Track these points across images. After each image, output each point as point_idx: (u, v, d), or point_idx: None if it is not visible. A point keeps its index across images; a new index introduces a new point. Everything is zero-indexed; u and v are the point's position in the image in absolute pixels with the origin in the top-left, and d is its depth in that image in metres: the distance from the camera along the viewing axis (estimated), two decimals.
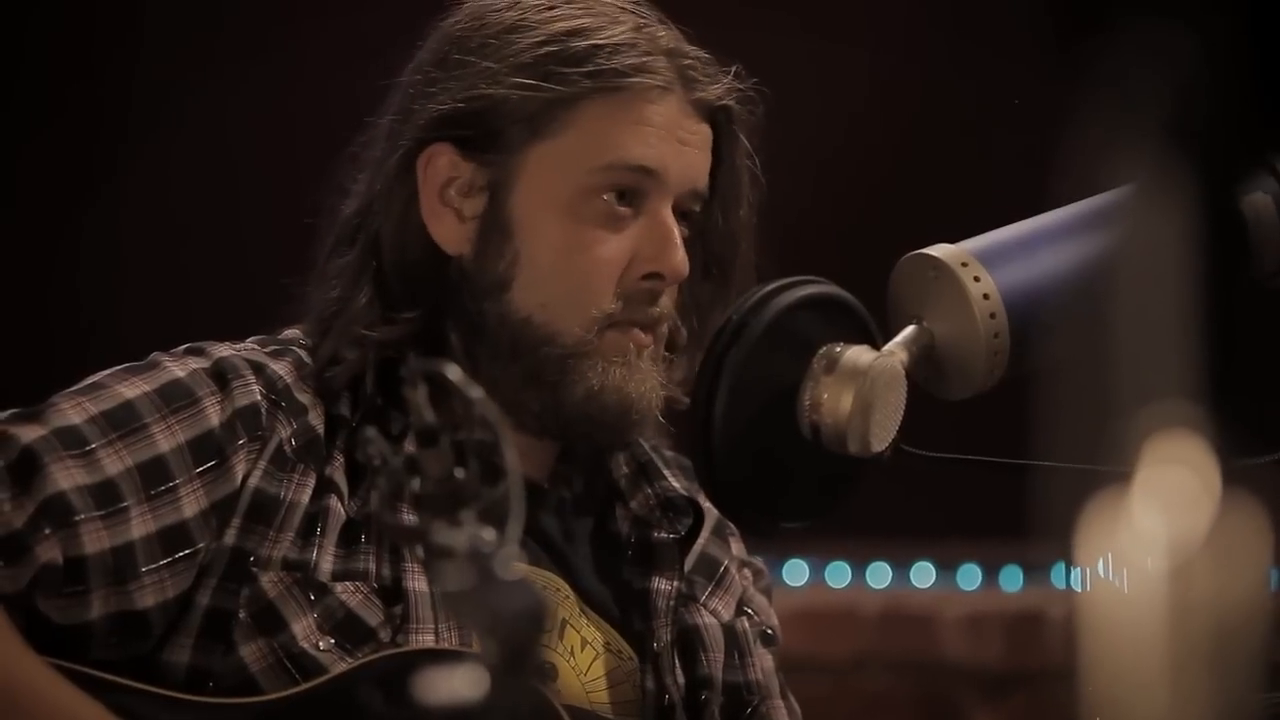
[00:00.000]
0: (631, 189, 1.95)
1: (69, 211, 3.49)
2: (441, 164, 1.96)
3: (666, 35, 1.97)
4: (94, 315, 3.44)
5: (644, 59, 1.94)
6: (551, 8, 1.97)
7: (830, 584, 3.78)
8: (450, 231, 1.96)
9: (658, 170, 1.95)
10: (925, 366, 1.80)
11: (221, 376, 1.89)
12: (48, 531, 1.79)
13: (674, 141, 1.95)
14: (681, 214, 1.98)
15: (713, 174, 2.00)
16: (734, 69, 2.00)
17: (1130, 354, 0.97)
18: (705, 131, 1.98)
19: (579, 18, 1.96)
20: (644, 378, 1.95)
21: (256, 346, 1.95)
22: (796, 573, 3.78)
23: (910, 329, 1.80)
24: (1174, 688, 0.94)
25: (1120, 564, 0.99)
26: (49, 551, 1.79)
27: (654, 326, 1.97)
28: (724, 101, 1.98)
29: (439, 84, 1.96)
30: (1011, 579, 3.74)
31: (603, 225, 1.94)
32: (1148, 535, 0.96)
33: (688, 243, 1.97)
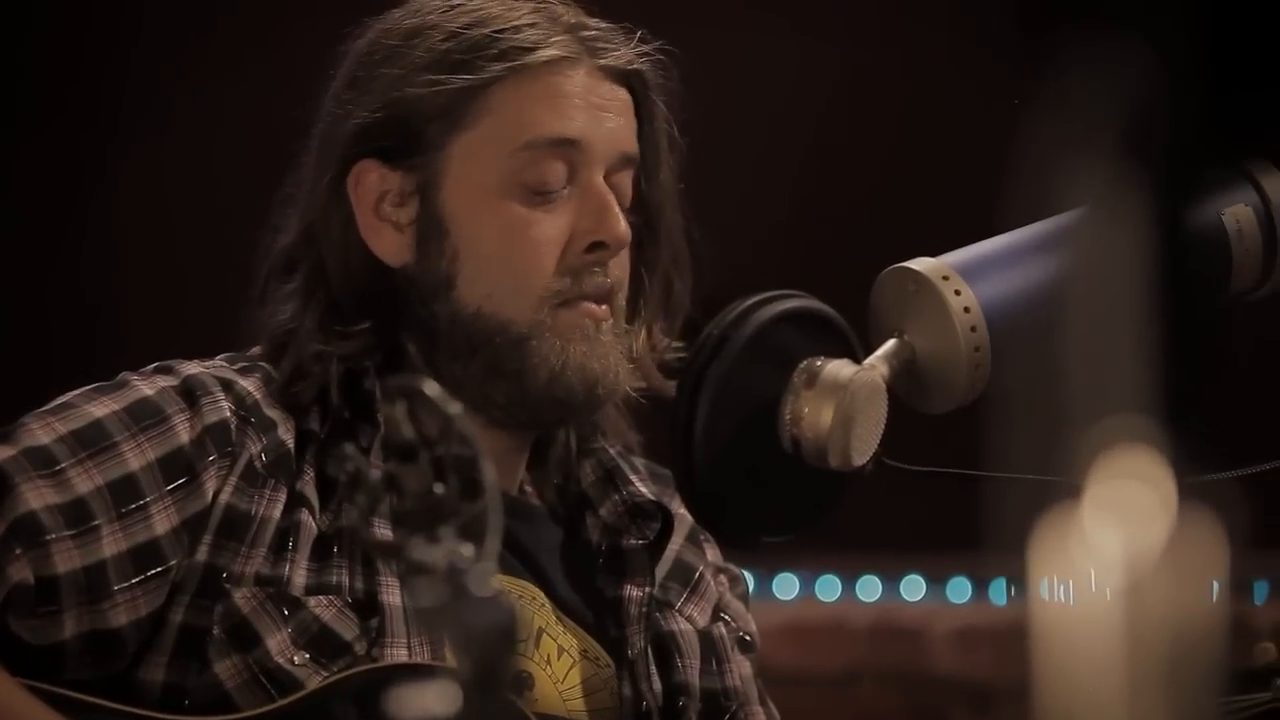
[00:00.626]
0: (562, 162, 1.94)
1: (69, 213, 3.48)
2: (371, 180, 1.96)
3: (567, 12, 1.98)
4: (96, 317, 3.44)
5: (544, 34, 1.95)
6: (450, 8, 1.97)
7: (820, 597, 3.78)
8: (391, 244, 1.96)
9: (579, 140, 1.94)
10: (907, 380, 1.80)
11: (190, 394, 1.88)
12: (18, 551, 1.78)
13: (591, 109, 1.95)
14: (615, 180, 1.97)
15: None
16: (639, 33, 2.00)
17: (1104, 367, 0.96)
18: (623, 96, 1.98)
19: (477, 10, 1.96)
20: (606, 351, 1.95)
21: (225, 364, 1.94)
22: (786, 586, 3.77)
23: (891, 343, 1.80)
24: (1131, 703, 0.93)
25: (1080, 578, 0.98)
26: (20, 572, 1.78)
27: (607, 297, 1.96)
28: (635, 66, 1.98)
29: (353, 102, 1.96)
30: (1002, 592, 3.73)
31: (535, 205, 1.94)
32: (1111, 550, 0.96)
33: (627, 211, 1.97)
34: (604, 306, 1.95)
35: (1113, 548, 0.96)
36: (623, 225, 1.95)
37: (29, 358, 3.32)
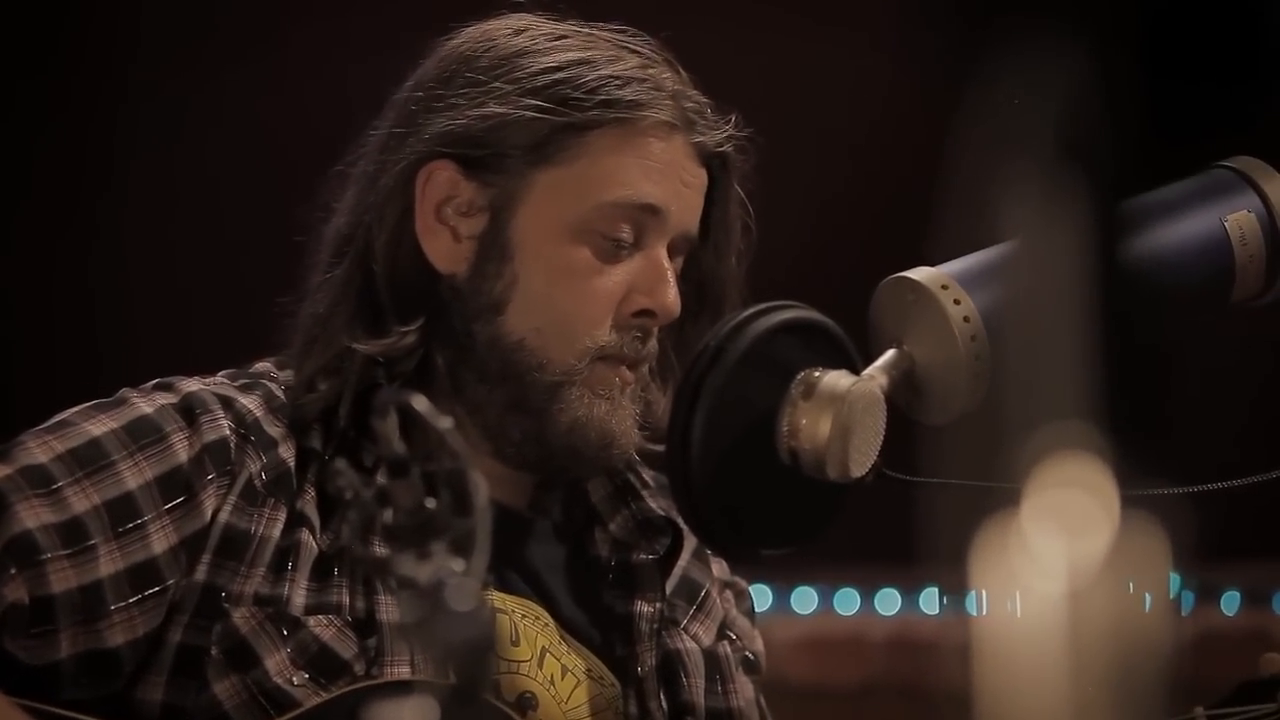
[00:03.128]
0: (635, 225, 1.94)
1: (76, 212, 3.49)
2: (441, 180, 1.94)
3: (671, 77, 1.97)
4: (102, 316, 3.44)
5: (652, 95, 1.94)
6: (560, 38, 1.97)
7: (839, 611, 3.77)
8: (444, 249, 1.95)
9: (663, 209, 1.95)
10: (906, 391, 1.79)
11: (190, 412, 1.88)
12: (13, 571, 1.78)
13: (677, 182, 1.96)
14: (670, 257, 1.97)
15: (703, 219, 2.00)
16: (733, 117, 1.99)
17: (1059, 380, 0.96)
18: (704, 176, 1.99)
19: (588, 49, 1.96)
20: (625, 415, 1.95)
21: (226, 381, 1.94)
22: (805, 600, 3.76)
23: (890, 353, 1.79)
24: (1075, 715, 0.92)
25: (1027, 588, 0.98)
26: (15, 591, 1.77)
27: (640, 365, 1.96)
28: (723, 148, 1.98)
29: (445, 100, 1.95)
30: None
31: (602, 257, 1.94)
32: (1059, 560, 0.95)
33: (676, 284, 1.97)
34: (634, 372, 1.95)
35: (1065, 556, 0.95)
36: (674, 297, 1.95)
37: (35, 357, 3.33)
